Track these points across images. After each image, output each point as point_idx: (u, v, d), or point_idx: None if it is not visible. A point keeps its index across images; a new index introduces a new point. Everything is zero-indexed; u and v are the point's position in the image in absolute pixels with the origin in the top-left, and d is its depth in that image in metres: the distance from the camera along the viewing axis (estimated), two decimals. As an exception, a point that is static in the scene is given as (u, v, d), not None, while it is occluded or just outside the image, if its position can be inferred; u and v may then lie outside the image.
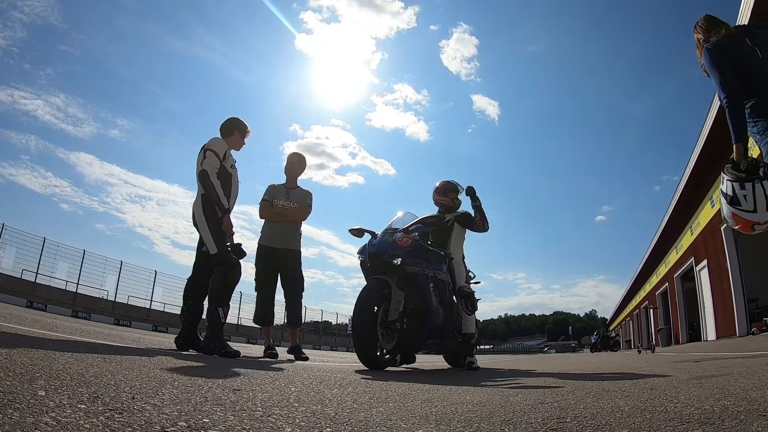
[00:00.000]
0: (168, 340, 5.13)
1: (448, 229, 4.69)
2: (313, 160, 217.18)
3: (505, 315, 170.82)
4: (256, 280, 4.86)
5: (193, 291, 3.95)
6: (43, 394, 1.05)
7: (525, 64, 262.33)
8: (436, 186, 4.88)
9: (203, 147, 3.89)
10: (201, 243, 3.93)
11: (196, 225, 3.89)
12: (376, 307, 3.59)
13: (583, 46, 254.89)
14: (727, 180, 2.73)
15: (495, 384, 2.68)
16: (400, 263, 3.71)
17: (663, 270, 21.41)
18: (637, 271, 27.46)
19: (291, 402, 1.42)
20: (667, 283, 20.65)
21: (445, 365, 5.26)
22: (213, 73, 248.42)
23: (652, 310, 23.59)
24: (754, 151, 2.79)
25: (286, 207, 4.92)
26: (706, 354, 6.08)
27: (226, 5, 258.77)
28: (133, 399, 1.14)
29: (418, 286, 3.79)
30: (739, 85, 2.61)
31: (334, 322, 43.45)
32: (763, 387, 1.85)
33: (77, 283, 22.74)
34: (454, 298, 4.43)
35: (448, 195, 4.81)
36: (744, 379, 2.25)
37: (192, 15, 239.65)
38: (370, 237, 4.07)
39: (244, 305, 31.26)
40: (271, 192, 5.02)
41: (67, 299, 21.70)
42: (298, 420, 1.15)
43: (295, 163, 5.22)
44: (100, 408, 1.00)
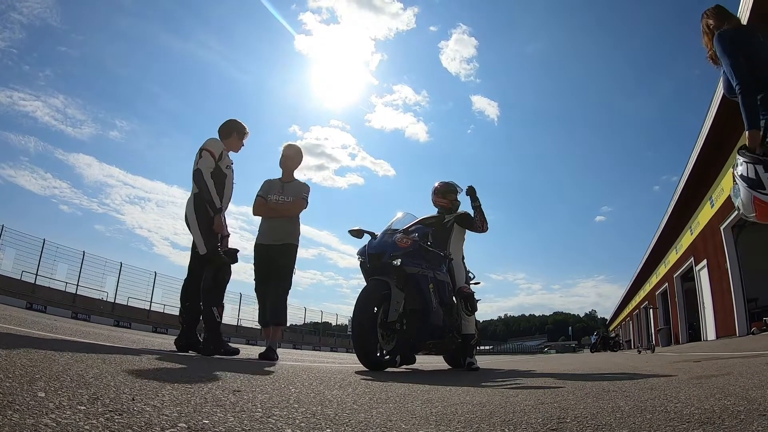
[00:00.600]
0: (168, 342, 5.12)
1: (447, 230, 4.69)
2: (312, 161, 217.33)
3: (505, 315, 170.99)
4: (255, 281, 4.65)
5: (190, 292, 3.96)
6: (43, 395, 1.05)
7: (524, 65, 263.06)
8: (435, 187, 4.87)
9: (200, 147, 3.92)
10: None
11: (188, 224, 3.93)
12: (375, 308, 3.59)
13: (583, 46, 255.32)
14: (747, 163, 2.53)
15: (495, 384, 2.68)
16: (399, 264, 3.71)
17: (663, 270, 21.41)
18: (637, 271, 27.48)
19: (291, 403, 1.42)
20: (666, 283, 20.65)
21: (445, 366, 5.26)
22: (212, 74, 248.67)
23: (651, 310, 23.58)
24: None
25: (279, 201, 4.67)
26: (706, 354, 6.08)
27: (225, 6, 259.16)
28: (133, 400, 1.14)
29: (417, 287, 3.78)
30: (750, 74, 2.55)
31: (333, 323, 43.49)
32: (763, 386, 1.85)
33: (77, 285, 22.77)
34: (454, 299, 4.44)
35: (446, 197, 4.81)
36: (744, 378, 2.25)
37: (191, 16, 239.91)
38: (370, 238, 4.08)
39: (244, 306, 31.29)
40: (266, 188, 4.79)
41: (67, 300, 21.69)
42: (298, 421, 1.14)
43: (290, 155, 4.91)
44: (100, 409, 0.99)
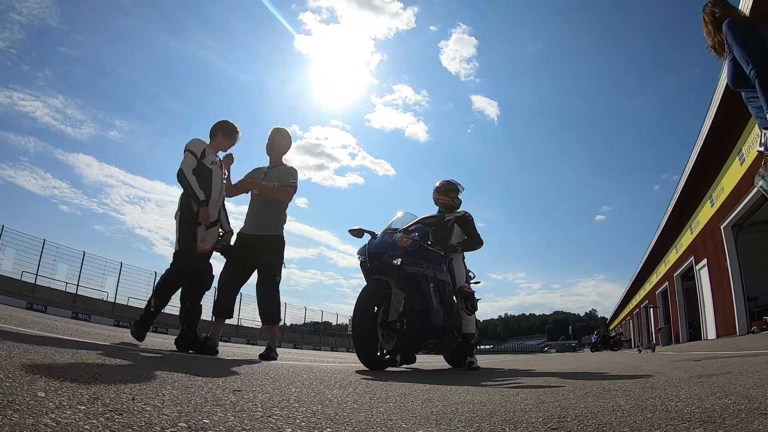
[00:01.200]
0: (168, 341, 5.13)
1: (448, 230, 4.69)
2: (312, 161, 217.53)
3: (505, 315, 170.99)
4: (224, 267, 4.34)
5: (187, 292, 4.01)
6: (43, 395, 1.04)
7: (524, 64, 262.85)
8: (437, 185, 4.88)
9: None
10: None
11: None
12: (376, 308, 3.59)
13: (583, 45, 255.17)
14: None
15: (495, 384, 2.68)
16: (400, 263, 3.71)
17: (663, 269, 21.42)
18: (637, 270, 27.48)
19: (291, 402, 1.42)
20: (667, 282, 20.66)
21: (446, 365, 5.26)
22: (212, 74, 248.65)
23: (652, 309, 23.61)
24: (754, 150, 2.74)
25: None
26: (707, 353, 6.08)
27: (224, 6, 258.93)
28: (133, 400, 1.13)
29: (418, 287, 3.78)
30: None
31: (334, 323, 43.49)
32: (764, 385, 1.85)
33: (77, 285, 22.76)
34: (454, 298, 4.44)
35: (448, 194, 4.82)
36: (744, 377, 2.25)
37: (190, 15, 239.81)
38: (370, 237, 4.08)
39: (244, 305, 31.27)
40: (251, 174, 4.59)
41: (67, 301, 21.70)
42: (298, 420, 1.14)
43: (275, 140, 4.66)
44: (100, 409, 0.99)
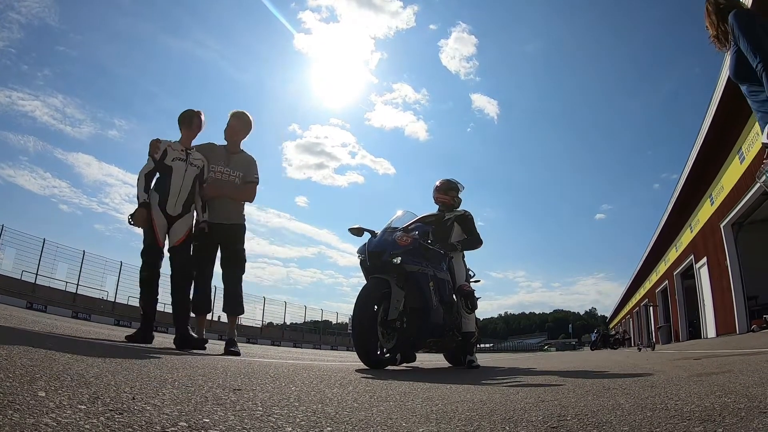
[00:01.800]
0: (168, 340, 5.13)
1: (448, 228, 4.69)
2: (312, 160, 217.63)
3: (505, 313, 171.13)
4: (196, 261, 4.26)
5: (175, 288, 4.17)
6: (43, 395, 1.04)
7: (524, 63, 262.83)
8: (437, 185, 4.88)
9: None
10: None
11: None
12: (376, 306, 3.59)
13: (583, 44, 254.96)
14: None
15: (495, 382, 2.68)
16: (399, 262, 3.71)
17: (663, 268, 21.43)
18: (637, 268, 27.49)
19: (291, 401, 1.42)
20: (666, 281, 20.67)
21: (446, 364, 5.26)
22: (211, 73, 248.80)
23: (652, 308, 23.62)
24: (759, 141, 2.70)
25: (225, 175, 4.29)
26: (706, 351, 6.09)
27: (223, 5, 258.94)
28: (133, 399, 1.13)
29: (418, 285, 3.78)
30: None
31: (334, 322, 43.47)
32: (764, 384, 1.85)
33: (77, 284, 22.76)
34: (454, 297, 4.44)
35: (448, 193, 4.82)
36: (744, 376, 2.26)
37: (189, 15, 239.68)
38: (370, 236, 4.07)
39: (244, 305, 31.24)
40: (207, 150, 4.37)
41: (67, 300, 21.69)
42: (298, 419, 1.14)
43: (235, 125, 4.46)
44: (100, 408, 0.99)
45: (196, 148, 4.28)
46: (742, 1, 2.74)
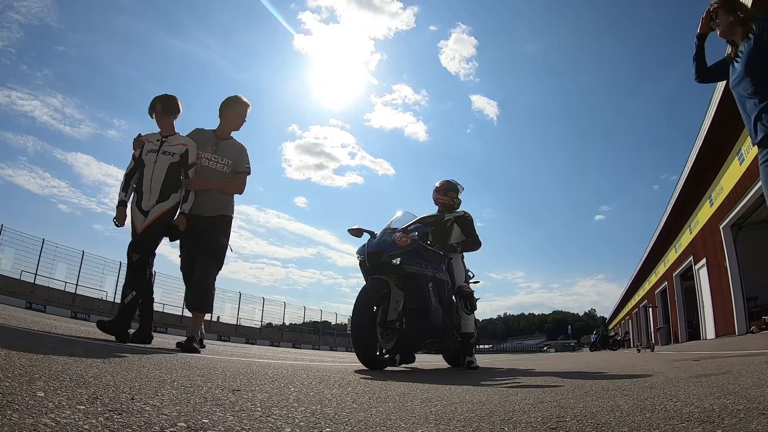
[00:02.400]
0: (167, 341, 5.12)
1: (447, 229, 4.69)
2: (311, 160, 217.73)
3: (505, 314, 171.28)
4: (180, 258, 4.04)
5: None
6: (42, 395, 1.04)
7: (524, 64, 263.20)
8: (436, 185, 4.88)
9: None
10: None
11: None
12: (375, 307, 3.59)
13: (582, 45, 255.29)
14: None
15: (494, 383, 2.68)
16: (399, 263, 3.71)
17: (662, 269, 21.43)
18: (636, 270, 27.51)
19: (290, 402, 1.42)
20: (666, 282, 20.67)
21: (445, 365, 5.25)
22: (210, 73, 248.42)
23: (651, 309, 23.61)
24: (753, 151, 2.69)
25: (212, 162, 3.98)
26: (706, 352, 6.09)
27: (223, 5, 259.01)
28: (132, 400, 1.13)
29: (417, 286, 3.78)
30: None
31: (333, 322, 43.43)
32: (763, 385, 1.86)
33: (76, 284, 22.74)
34: (454, 298, 4.44)
35: (447, 194, 4.82)
36: (743, 377, 2.26)
37: (189, 14, 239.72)
38: (369, 237, 4.07)
39: (243, 305, 31.30)
40: (196, 136, 4.05)
41: (67, 300, 21.67)
42: (297, 420, 1.14)
43: (231, 112, 4.10)
44: (99, 409, 0.99)
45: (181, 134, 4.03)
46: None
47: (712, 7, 2.61)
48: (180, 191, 3.93)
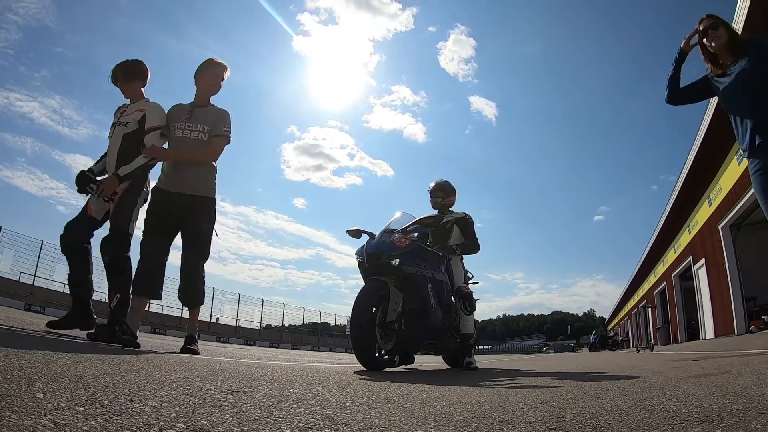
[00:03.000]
0: (167, 342, 5.12)
1: (447, 231, 4.69)
2: (310, 162, 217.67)
3: (504, 315, 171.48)
4: (143, 233, 3.55)
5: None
6: (41, 396, 1.04)
7: (522, 65, 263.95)
8: (431, 187, 4.88)
9: None
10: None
11: None
12: (374, 308, 3.59)
13: (581, 46, 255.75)
14: None
15: (494, 384, 2.68)
16: (398, 264, 3.71)
17: (661, 269, 21.46)
18: (635, 270, 27.53)
19: (290, 403, 1.41)
20: (665, 282, 20.69)
21: (444, 366, 5.25)
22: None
23: (650, 309, 23.64)
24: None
25: (186, 131, 3.50)
26: (705, 352, 6.09)
27: (222, 6, 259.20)
28: (131, 401, 1.13)
29: (416, 287, 3.78)
30: None
31: (332, 324, 43.40)
32: (762, 385, 1.86)
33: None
34: (453, 299, 4.44)
35: (437, 194, 4.83)
36: (742, 377, 2.26)
37: (187, 16, 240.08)
38: (368, 238, 4.07)
39: (242, 307, 31.25)
40: (172, 114, 3.62)
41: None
42: (296, 421, 1.14)
43: (207, 74, 3.67)
44: (98, 410, 0.99)
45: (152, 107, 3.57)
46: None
47: (709, 22, 2.64)
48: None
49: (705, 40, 2.66)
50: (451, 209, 4.85)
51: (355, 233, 4.15)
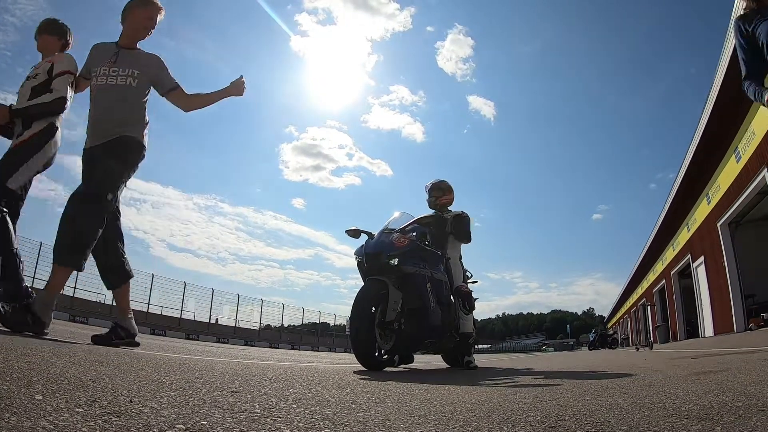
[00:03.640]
0: (166, 344, 5.11)
1: (444, 230, 4.69)
2: (309, 162, 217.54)
3: (503, 314, 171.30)
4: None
5: None
6: (40, 398, 1.04)
7: (520, 64, 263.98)
8: (427, 187, 4.89)
9: None
10: None
11: None
12: (373, 308, 3.59)
13: (579, 45, 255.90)
14: None
15: (493, 383, 2.68)
16: (397, 264, 3.71)
17: (660, 267, 21.49)
18: (634, 268, 27.56)
19: (289, 403, 1.41)
20: (664, 280, 20.73)
21: (444, 365, 5.25)
22: (207, 75, 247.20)
23: (649, 308, 23.68)
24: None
25: (110, 78, 3.09)
26: (704, 350, 6.10)
27: (219, 6, 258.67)
28: (130, 402, 1.13)
29: (415, 286, 3.79)
30: None
31: (332, 324, 43.46)
32: (762, 382, 1.86)
33: (74, 287, 22.70)
34: (452, 298, 4.44)
35: (433, 193, 4.84)
36: (742, 374, 2.26)
37: (185, 16, 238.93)
38: (367, 238, 4.07)
39: (241, 307, 31.24)
40: (94, 56, 3.22)
41: (65, 303, 21.60)
42: (296, 421, 1.14)
43: (139, 14, 3.19)
44: (97, 411, 0.99)
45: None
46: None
47: None
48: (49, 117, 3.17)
49: None
50: (449, 208, 4.85)
51: (354, 233, 4.15)
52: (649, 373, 2.83)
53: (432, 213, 4.74)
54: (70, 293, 22.49)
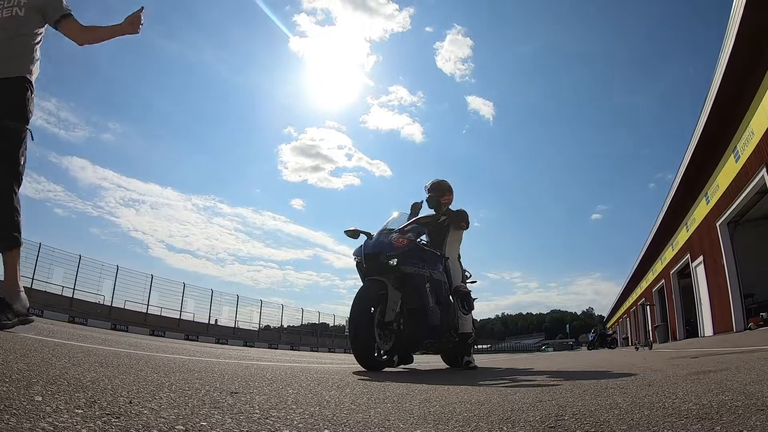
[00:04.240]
0: (166, 345, 5.11)
1: (443, 230, 4.70)
2: (308, 162, 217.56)
3: (502, 314, 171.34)
4: None
5: None
6: (40, 399, 1.04)
7: (519, 65, 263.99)
8: (426, 187, 4.89)
9: None
10: None
11: None
12: (372, 308, 3.59)
13: (578, 45, 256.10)
14: None
15: (493, 383, 2.68)
16: (396, 264, 3.71)
17: (659, 267, 21.51)
18: (634, 268, 27.59)
19: (289, 404, 1.41)
20: (663, 280, 20.75)
21: (443, 365, 5.26)
22: (206, 76, 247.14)
23: (648, 307, 23.69)
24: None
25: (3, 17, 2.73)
26: (703, 350, 6.10)
27: (218, 7, 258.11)
28: (130, 403, 1.13)
29: (414, 287, 3.79)
30: None
31: (331, 324, 43.46)
32: (761, 381, 1.86)
33: (73, 288, 22.73)
34: (451, 298, 4.44)
35: (431, 193, 4.83)
36: (741, 374, 2.26)
37: (184, 16, 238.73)
38: (366, 238, 4.07)
39: (241, 308, 31.22)
40: None
41: (64, 304, 21.61)
42: (296, 422, 1.14)
43: None
44: (97, 413, 0.99)
45: None
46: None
47: None
48: None
49: None
50: (449, 208, 4.85)
51: (353, 233, 4.15)
52: (649, 373, 2.83)
53: (431, 213, 4.75)
54: (69, 294, 22.49)
